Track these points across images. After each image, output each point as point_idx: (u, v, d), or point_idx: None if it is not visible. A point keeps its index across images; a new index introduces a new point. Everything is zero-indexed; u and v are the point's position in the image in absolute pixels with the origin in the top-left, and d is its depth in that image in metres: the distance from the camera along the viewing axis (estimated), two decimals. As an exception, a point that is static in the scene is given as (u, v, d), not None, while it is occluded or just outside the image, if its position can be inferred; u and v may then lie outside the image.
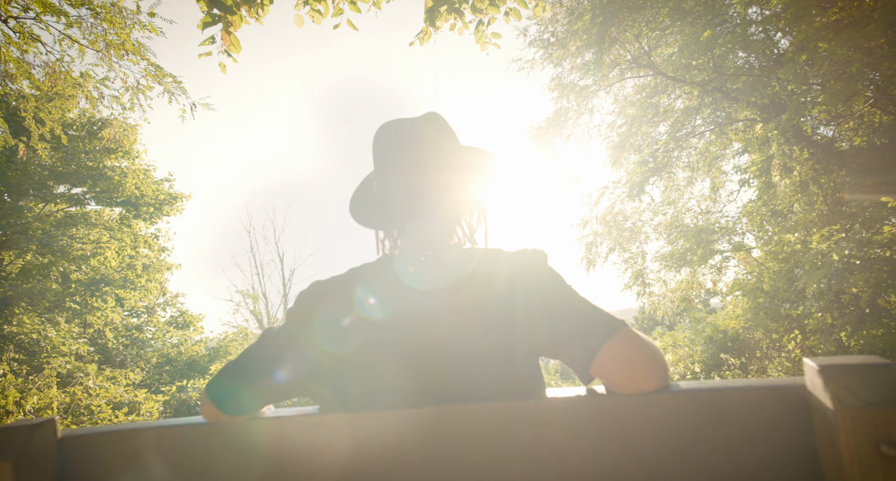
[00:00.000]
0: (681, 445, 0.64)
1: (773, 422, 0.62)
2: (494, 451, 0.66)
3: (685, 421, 0.64)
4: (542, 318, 0.77)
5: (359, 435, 0.71)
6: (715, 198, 8.92)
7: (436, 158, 0.92)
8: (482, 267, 0.85)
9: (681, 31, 5.35)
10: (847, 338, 5.70)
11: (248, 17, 2.11)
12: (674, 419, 0.64)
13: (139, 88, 5.10)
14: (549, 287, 0.81)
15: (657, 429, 0.65)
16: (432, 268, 0.88)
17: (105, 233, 11.83)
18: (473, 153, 0.98)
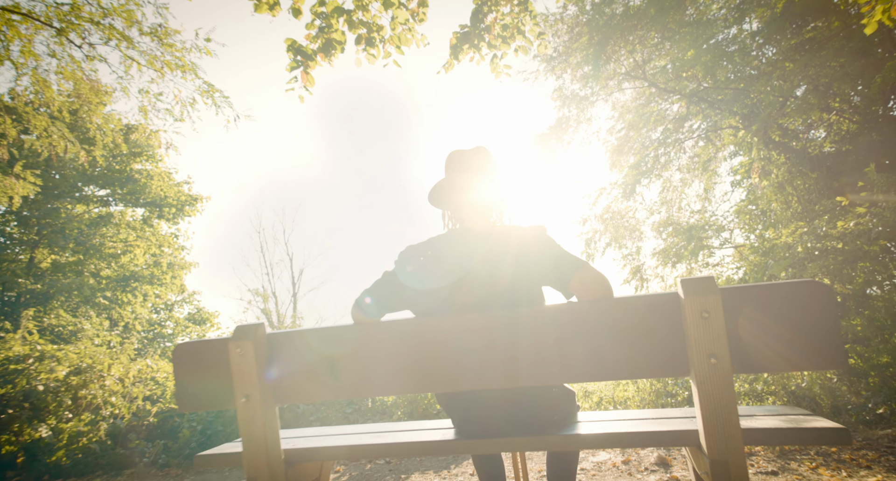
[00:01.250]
0: (611, 329, 1.30)
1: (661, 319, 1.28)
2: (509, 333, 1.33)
3: (613, 316, 1.30)
4: (541, 261, 1.44)
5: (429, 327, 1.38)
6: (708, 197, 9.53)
7: (477, 172, 1.59)
8: (504, 235, 1.51)
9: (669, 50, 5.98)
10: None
11: (321, 61, 2.77)
12: (607, 316, 1.30)
13: (189, 102, 5.78)
14: (545, 244, 1.47)
15: (598, 321, 1.31)
16: (478, 239, 1.54)
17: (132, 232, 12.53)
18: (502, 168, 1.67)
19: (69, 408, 3.86)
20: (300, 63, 2.73)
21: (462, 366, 1.40)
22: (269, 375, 1.55)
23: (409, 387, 1.47)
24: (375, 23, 2.86)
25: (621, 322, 1.32)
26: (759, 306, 1.28)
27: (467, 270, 1.50)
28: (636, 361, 1.33)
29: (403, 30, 2.91)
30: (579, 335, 1.35)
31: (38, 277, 10.87)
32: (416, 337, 1.44)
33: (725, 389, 1.25)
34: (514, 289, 1.47)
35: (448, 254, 1.54)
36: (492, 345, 1.38)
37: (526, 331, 1.39)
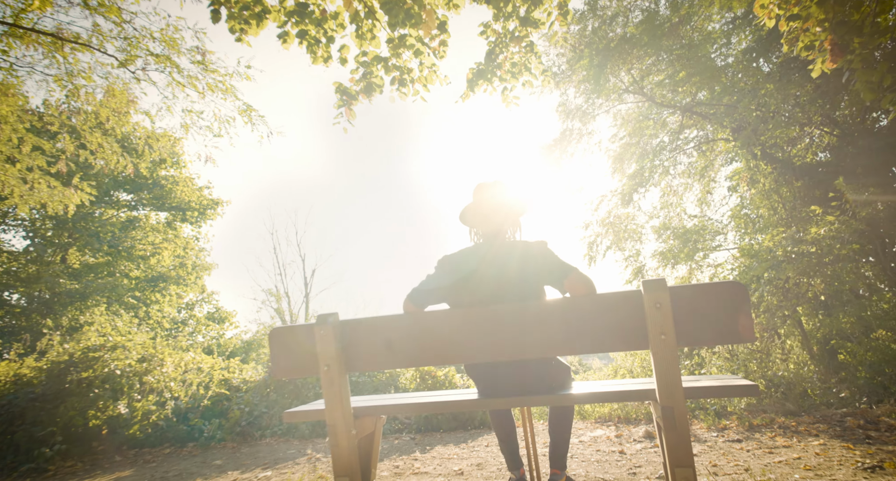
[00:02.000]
0: (595, 316, 1.87)
1: (629, 309, 1.84)
2: (517, 322, 1.91)
3: (596, 306, 1.87)
4: (542, 267, 2.01)
5: (460, 320, 1.95)
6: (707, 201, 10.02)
7: (498, 200, 2.16)
8: (515, 247, 2.08)
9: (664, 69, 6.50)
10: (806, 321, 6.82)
11: (362, 99, 3.36)
12: (591, 307, 1.88)
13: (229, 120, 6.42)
14: (545, 255, 2.04)
15: (586, 310, 1.88)
16: (497, 250, 2.11)
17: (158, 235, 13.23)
18: (515, 197, 2.24)
19: (138, 391, 4.48)
20: (345, 102, 3.31)
21: (481, 345, 1.98)
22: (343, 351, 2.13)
23: (444, 361, 2.04)
24: (406, 66, 3.44)
25: (601, 311, 1.89)
26: (695, 300, 1.85)
27: (487, 274, 2.08)
28: (613, 338, 1.90)
29: (429, 72, 3.49)
30: (571, 320, 1.92)
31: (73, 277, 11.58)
32: (448, 323, 2.02)
33: (672, 357, 1.81)
34: (522, 287, 2.05)
35: (473, 262, 2.12)
36: (503, 328, 1.96)
37: (531, 319, 1.96)
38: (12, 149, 6.36)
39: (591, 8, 6.82)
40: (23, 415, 3.97)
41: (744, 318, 1.85)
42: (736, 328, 1.84)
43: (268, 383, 5.13)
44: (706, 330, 1.87)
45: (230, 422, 4.56)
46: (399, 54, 3.34)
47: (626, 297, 1.90)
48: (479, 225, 2.26)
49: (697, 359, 6.31)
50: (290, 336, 2.26)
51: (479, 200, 2.26)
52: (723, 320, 1.85)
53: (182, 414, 4.60)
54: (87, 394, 4.11)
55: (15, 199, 6.49)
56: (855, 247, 5.30)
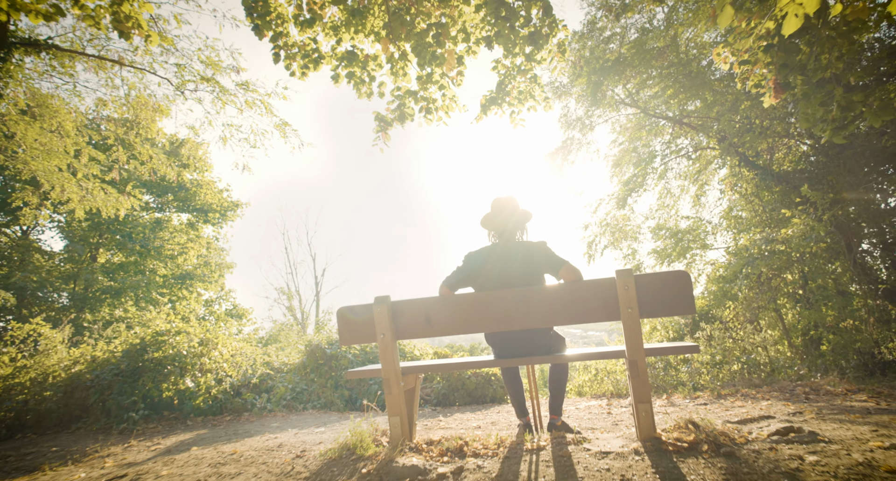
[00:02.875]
0: (581, 296, 2.61)
1: (606, 291, 2.59)
2: (524, 301, 2.65)
3: (580, 289, 2.62)
4: (543, 261, 2.75)
5: (481, 300, 2.71)
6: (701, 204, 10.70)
7: (511, 209, 2.91)
8: (522, 246, 2.83)
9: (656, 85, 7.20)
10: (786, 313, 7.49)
11: (396, 125, 4.10)
12: (579, 289, 2.62)
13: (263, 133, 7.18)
14: (545, 251, 2.79)
15: (573, 292, 2.63)
16: (510, 248, 2.86)
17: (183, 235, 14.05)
18: (522, 209, 2.99)
19: (199, 369, 5.24)
20: (382, 127, 4.06)
21: (497, 317, 2.71)
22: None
23: (468, 330, 2.78)
24: (431, 98, 4.17)
25: (586, 293, 2.62)
26: (652, 284, 2.58)
27: (501, 266, 2.82)
28: (595, 312, 2.63)
29: (450, 101, 4.22)
30: (564, 300, 2.65)
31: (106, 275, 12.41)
32: (472, 302, 2.75)
33: (637, 325, 2.54)
34: (528, 276, 2.78)
35: (492, 257, 2.86)
36: (513, 305, 2.69)
37: (534, 299, 2.69)
38: (72, 160, 7.16)
39: (589, 30, 7.52)
40: (111, 387, 4.74)
41: (686, 298, 2.59)
42: (681, 304, 2.58)
43: (306, 365, 5.89)
44: (660, 305, 2.61)
45: (277, 396, 5.32)
46: (426, 88, 4.07)
47: (605, 282, 2.64)
48: (495, 229, 3.00)
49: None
50: (353, 312, 3.01)
51: (496, 211, 3.00)
52: (672, 298, 2.59)
53: (236, 390, 5.36)
54: (161, 371, 4.88)
55: (74, 204, 7.29)
56: (822, 246, 5.99)
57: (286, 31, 4.00)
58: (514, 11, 3.69)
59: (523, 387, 3.34)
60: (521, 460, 2.52)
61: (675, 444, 2.49)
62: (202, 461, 3.05)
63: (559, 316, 2.70)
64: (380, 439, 2.97)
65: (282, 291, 28.28)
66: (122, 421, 4.49)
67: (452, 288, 2.90)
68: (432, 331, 2.90)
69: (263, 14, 3.85)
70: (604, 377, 6.74)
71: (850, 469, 1.94)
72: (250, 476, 2.68)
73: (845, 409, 3.12)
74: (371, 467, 2.56)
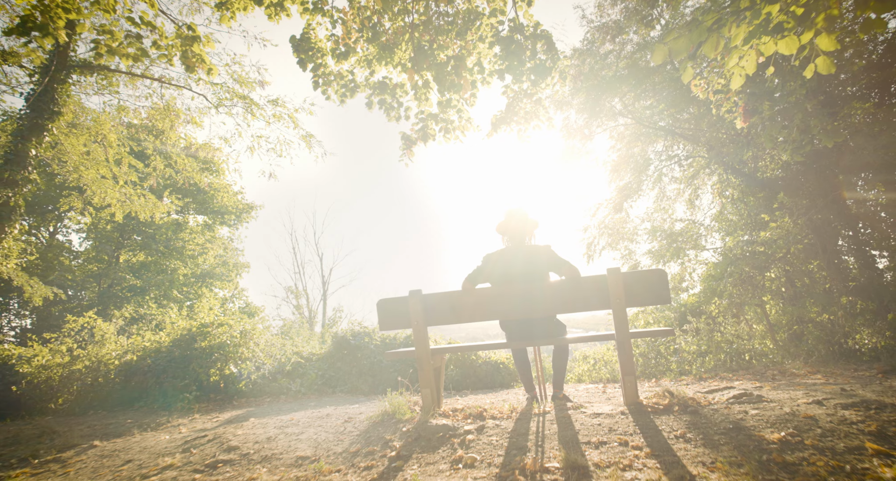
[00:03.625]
0: (580, 290, 3.26)
1: (599, 285, 3.23)
2: (532, 294, 3.30)
3: (577, 284, 3.27)
4: (547, 261, 3.40)
5: (494, 293, 3.36)
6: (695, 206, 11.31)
7: (520, 218, 3.56)
8: (530, 248, 3.49)
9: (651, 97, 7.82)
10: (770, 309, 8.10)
11: (419, 143, 4.73)
12: (579, 284, 3.27)
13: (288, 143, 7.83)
14: (549, 253, 3.45)
15: (573, 286, 3.28)
16: (521, 250, 3.52)
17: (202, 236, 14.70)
18: (531, 218, 3.65)
19: (240, 357, 5.89)
20: (407, 145, 4.69)
21: (509, 307, 3.34)
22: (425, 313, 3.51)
23: (486, 317, 3.42)
24: (450, 119, 4.81)
25: (583, 286, 3.25)
26: (636, 279, 3.21)
27: (513, 265, 3.45)
28: (590, 302, 3.26)
29: (466, 122, 4.86)
30: (565, 292, 3.28)
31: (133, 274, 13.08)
32: (490, 295, 3.39)
33: (623, 313, 3.18)
34: (535, 273, 3.41)
35: (505, 257, 3.49)
36: (522, 298, 3.32)
37: (540, 292, 3.32)
38: (114, 168, 7.81)
39: (588, 47, 8.14)
40: (166, 371, 5.39)
41: (663, 290, 3.22)
42: (659, 296, 3.21)
43: (333, 354, 6.53)
44: (642, 296, 3.25)
45: (308, 381, 5.97)
46: (446, 112, 4.71)
47: (598, 278, 3.27)
48: (508, 234, 3.63)
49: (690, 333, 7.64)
50: (391, 304, 3.64)
51: (509, 219, 3.63)
52: (652, 291, 3.22)
53: (272, 376, 6.01)
54: (208, 358, 5.53)
55: (114, 209, 7.94)
56: (799, 247, 6.61)
57: (324, 62, 4.64)
58: (522, 47, 4.33)
59: (531, 366, 3.98)
60: (530, 420, 3.17)
61: (653, 407, 3.13)
62: (266, 425, 3.69)
63: (561, 305, 3.34)
64: (413, 408, 3.61)
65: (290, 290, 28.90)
66: (177, 400, 5.14)
67: (473, 283, 3.54)
68: (456, 319, 3.54)
69: (306, 50, 4.50)
70: (601, 367, 7.38)
71: (778, 416, 2.57)
72: (311, 433, 3.32)
73: (798, 384, 3.75)
74: (409, 427, 3.20)
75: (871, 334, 5.95)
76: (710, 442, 2.40)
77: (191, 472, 2.78)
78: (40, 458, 3.44)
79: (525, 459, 2.46)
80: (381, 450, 2.85)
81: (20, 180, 6.02)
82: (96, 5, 3.59)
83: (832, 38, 2.30)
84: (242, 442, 3.25)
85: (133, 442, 3.68)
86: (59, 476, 3.04)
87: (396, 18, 4.67)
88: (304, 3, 4.45)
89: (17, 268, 6.53)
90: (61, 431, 4.22)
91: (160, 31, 4.10)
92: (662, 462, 2.23)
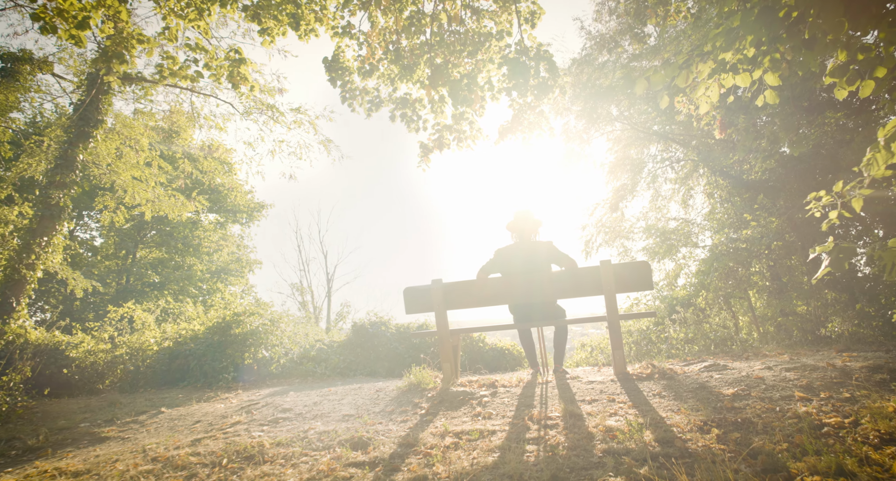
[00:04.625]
0: (578, 279, 3.89)
1: (593, 274, 3.86)
2: (536, 282, 3.92)
3: (575, 274, 3.90)
4: (549, 254, 4.03)
5: (504, 281, 3.98)
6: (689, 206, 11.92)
7: (527, 218, 4.18)
8: (536, 244, 4.11)
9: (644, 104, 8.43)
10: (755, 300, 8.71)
11: (436, 151, 5.33)
12: (576, 274, 3.89)
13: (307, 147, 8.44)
14: (551, 248, 4.08)
15: (571, 276, 3.90)
16: (527, 245, 4.14)
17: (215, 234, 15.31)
18: (536, 218, 4.29)
19: (269, 343, 6.50)
20: (425, 153, 5.29)
21: (517, 294, 3.95)
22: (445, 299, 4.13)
23: (497, 302, 4.03)
24: (462, 130, 5.40)
25: (580, 275, 3.86)
26: (626, 269, 3.83)
27: (520, 258, 4.06)
28: (585, 288, 3.88)
29: (476, 132, 5.46)
30: (564, 281, 3.89)
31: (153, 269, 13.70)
32: (500, 283, 4.00)
33: (614, 298, 3.80)
34: (539, 264, 4.03)
35: (513, 251, 4.10)
36: (528, 286, 3.93)
37: (543, 281, 3.93)
38: (145, 170, 8.41)
39: (586, 57, 8.74)
40: (205, 354, 6.01)
41: (646, 279, 3.83)
42: (643, 283, 3.82)
43: (352, 341, 7.15)
44: (630, 283, 3.86)
45: (332, 365, 6.58)
46: (459, 124, 5.31)
47: (593, 269, 3.88)
48: (516, 232, 4.24)
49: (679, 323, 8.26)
50: (416, 291, 4.25)
51: (517, 219, 4.24)
52: (637, 279, 3.83)
53: (299, 360, 6.62)
54: (243, 343, 6.15)
55: (144, 208, 8.54)
56: (779, 244, 7.22)
57: (351, 80, 5.25)
58: (527, 67, 4.92)
59: (535, 345, 4.59)
60: (535, 387, 3.78)
61: (637, 375, 3.75)
62: (309, 395, 4.31)
63: (561, 292, 3.95)
64: (435, 380, 4.22)
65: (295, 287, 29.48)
66: (218, 380, 5.75)
67: (486, 273, 4.15)
68: (472, 304, 4.15)
69: (336, 69, 5.10)
70: (598, 354, 8.00)
71: (735, 378, 3.19)
72: (350, 399, 3.94)
73: (761, 360, 4.36)
74: (434, 393, 3.82)
75: (841, 322, 6.57)
76: (679, 397, 3.01)
77: (258, 425, 3.39)
78: (120, 420, 4.05)
79: (532, 411, 3.07)
80: (413, 410, 3.47)
81: (69, 183, 6.63)
82: (162, 35, 4.19)
83: (776, 76, 2.91)
84: (293, 406, 3.86)
85: (194, 409, 4.30)
86: (143, 432, 3.65)
87: (413, 36, 5.27)
88: (335, 28, 5.05)
89: (62, 263, 7.13)
90: (125, 402, 4.84)
91: (211, 54, 4.69)
92: (640, 410, 2.84)
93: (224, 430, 3.37)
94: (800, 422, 2.34)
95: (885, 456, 1.84)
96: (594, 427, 2.64)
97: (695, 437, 2.33)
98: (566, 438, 2.54)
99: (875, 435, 2.07)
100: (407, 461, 2.50)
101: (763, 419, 2.45)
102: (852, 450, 1.93)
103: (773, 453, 2.02)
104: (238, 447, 2.91)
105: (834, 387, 2.77)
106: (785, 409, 2.54)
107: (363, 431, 3.00)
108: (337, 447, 2.79)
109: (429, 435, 2.84)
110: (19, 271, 6.21)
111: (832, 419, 2.32)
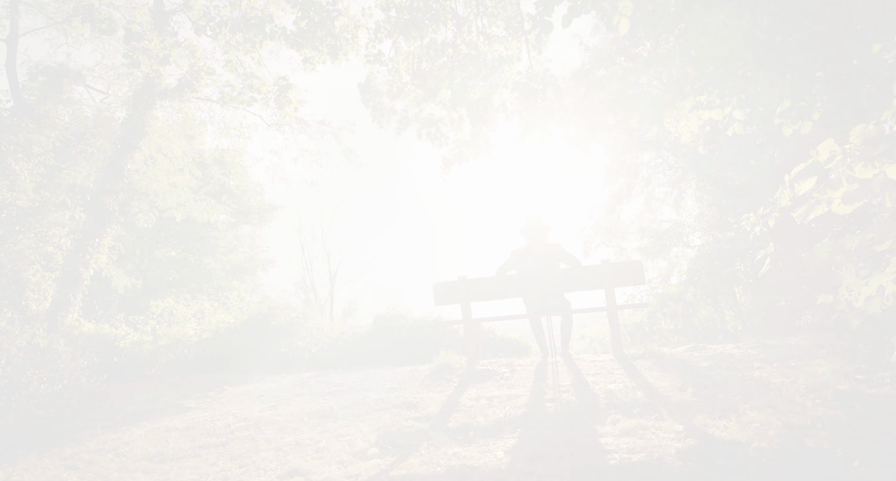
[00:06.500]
0: (585, 277, 4.64)
1: (596, 271, 4.61)
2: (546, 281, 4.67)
3: (580, 271, 4.65)
4: (557, 254, 4.78)
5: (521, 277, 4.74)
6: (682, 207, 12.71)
7: (537, 223, 4.93)
8: (546, 246, 4.87)
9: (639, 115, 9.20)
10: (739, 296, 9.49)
11: (456, 163, 6.05)
12: (582, 272, 4.64)
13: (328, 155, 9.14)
14: (560, 250, 4.84)
15: (577, 273, 4.65)
16: (538, 247, 4.89)
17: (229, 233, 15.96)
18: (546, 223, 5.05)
19: (301, 334, 7.21)
20: (446, 166, 6.02)
21: (530, 288, 4.68)
22: (474, 289, 4.86)
23: (513, 296, 4.77)
24: (478, 144, 6.13)
25: (584, 272, 4.60)
26: (623, 267, 4.58)
27: (532, 257, 4.80)
28: (588, 283, 4.61)
29: (491, 146, 6.19)
30: (570, 277, 4.63)
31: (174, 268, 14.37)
32: (516, 280, 4.72)
33: (612, 291, 4.54)
34: (549, 264, 4.76)
35: (528, 252, 4.83)
36: (540, 282, 4.66)
37: (555, 277, 4.67)
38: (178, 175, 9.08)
39: (585, 74, 9.49)
40: (246, 342, 6.71)
41: (640, 275, 4.57)
42: (636, 279, 4.56)
43: (375, 332, 7.85)
44: (626, 279, 4.60)
45: (358, 353, 7.30)
46: (476, 139, 6.04)
47: (595, 267, 4.62)
48: (528, 235, 4.98)
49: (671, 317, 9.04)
50: (444, 286, 4.97)
51: (529, 224, 4.98)
52: (632, 276, 4.57)
53: (329, 348, 7.34)
54: (280, 333, 6.85)
55: (175, 211, 9.21)
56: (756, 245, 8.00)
57: (380, 101, 5.96)
58: (535, 91, 5.66)
59: (545, 333, 5.33)
60: (546, 366, 4.52)
61: (632, 355, 4.49)
62: (352, 374, 5.02)
63: (568, 286, 4.69)
64: (460, 361, 4.95)
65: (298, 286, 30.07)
66: (259, 366, 6.46)
67: (503, 271, 4.87)
68: (492, 296, 4.89)
69: (368, 91, 5.81)
70: (597, 344, 8.76)
71: (710, 355, 3.95)
72: (390, 376, 4.67)
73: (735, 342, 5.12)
74: (461, 371, 4.55)
75: (812, 314, 7.35)
76: (665, 369, 3.76)
77: (319, 395, 4.11)
78: (192, 396, 4.76)
79: (547, 381, 3.81)
80: (446, 383, 4.20)
81: (117, 189, 7.30)
82: (227, 66, 4.89)
83: (742, 112, 3.65)
84: (343, 382, 4.59)
85: (253, 387, 5.01)
86: (219, 402, 4.36)
87: (434, 59, 5.99)
88: (368, 56, 5.76)
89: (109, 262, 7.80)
90: (187, 383, 5.54)
91: (262, 80, 5.41)
92: (633, 378, 3.59)
93: (290, 401, 4.09)
94: (754, 383, 3.08)
95: (806, 399, 2.59)
96: (598, 390, 3.38)
97: (675, 394, 3.07)
98: (576, 397, 3.28)
99: (805, 387, 2.82)
100: (453, 415, 3.23)
101: (728, 381, 3.20)
102: (784, 396, 2.67)
103: (731, 401, 2.76)
104: (311, 410, 3.63)
105: (783, 359, 3.53)
106: (745, 375, 3.28)
107: (411, 397, 3.73)
108: (393, 408, 3.52)
109: (466, 399, 3.57)
110: (77, 270, 6.89)
111: (777, 379, 3.07)
